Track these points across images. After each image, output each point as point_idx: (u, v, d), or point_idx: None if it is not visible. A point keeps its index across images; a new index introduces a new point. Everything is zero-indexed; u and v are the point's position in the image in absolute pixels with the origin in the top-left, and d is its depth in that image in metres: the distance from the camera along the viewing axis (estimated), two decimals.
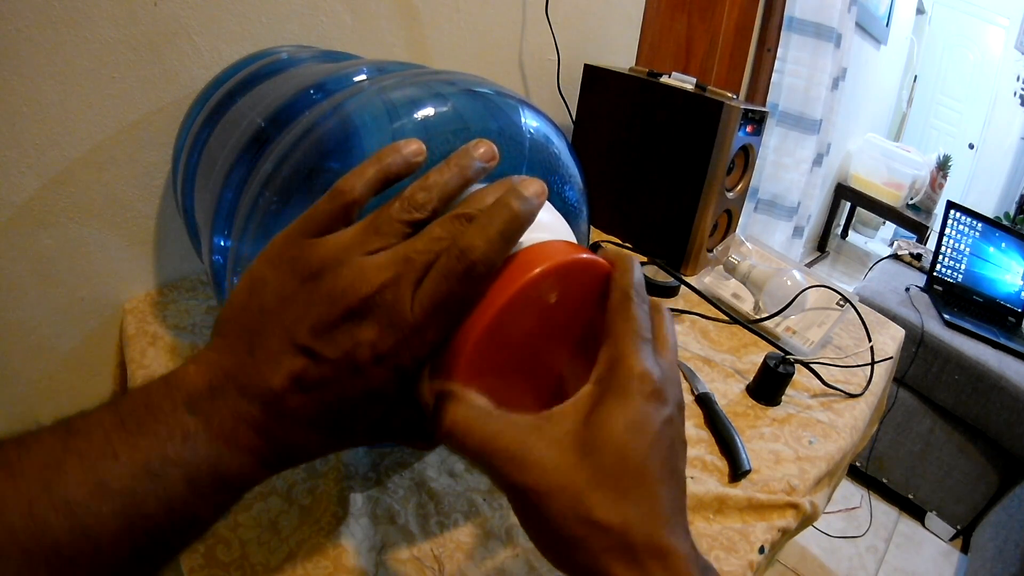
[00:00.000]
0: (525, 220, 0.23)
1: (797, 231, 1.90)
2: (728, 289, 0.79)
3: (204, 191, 0.44)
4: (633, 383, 0.22)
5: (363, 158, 0.32)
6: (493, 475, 0.22)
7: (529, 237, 0.25)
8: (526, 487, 0.21)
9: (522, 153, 0.37)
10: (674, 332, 0.26)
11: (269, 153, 0.35)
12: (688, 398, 0.60)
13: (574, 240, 0.28)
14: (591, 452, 0.21)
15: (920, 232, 2.61)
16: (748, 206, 1.73)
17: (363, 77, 0.40)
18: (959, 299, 1.62)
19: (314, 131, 0.34)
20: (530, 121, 0.38)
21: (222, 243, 0.38)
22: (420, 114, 0.34)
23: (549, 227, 0.27)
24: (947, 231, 1.63)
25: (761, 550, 0.45)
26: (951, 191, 2.84)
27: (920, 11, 3.24)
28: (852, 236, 3.49)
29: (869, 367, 0.70)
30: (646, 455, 0.21)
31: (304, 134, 0.34)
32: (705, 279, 0.80)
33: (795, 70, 1.60)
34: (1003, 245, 1.64)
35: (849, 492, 1.62)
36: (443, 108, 0.35)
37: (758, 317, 0.73)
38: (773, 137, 1.68)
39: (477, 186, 0.26)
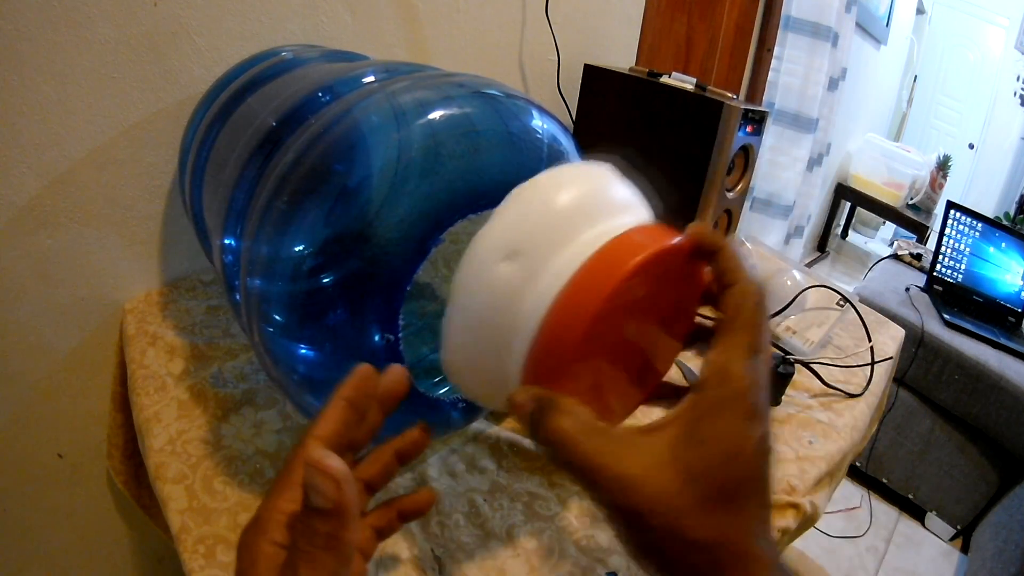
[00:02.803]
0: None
1: (797, 231, 1.90)
2: None
3: (214, 191, 0.44)
4: (738, 402, 0.22)
5: (376, 160, 0.33)
6: (594, 493, 0.22)
7: (612, 225, 0.24)
8: (628, 508, 0.21)
9: (540, 157, 0.37)
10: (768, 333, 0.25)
11: (281, 155, 0.35)
12: None
13: (649, 215, 0.27)
14: (693, 474, 0.21)
15: (920, 232, 2.61)
16: (743, 205, 1.73)
17: (372, 79, 0.40)
18: (959, 299, 1.62)
19: (327, 134, 0.34)
20: (542, 123, 0.38)
21: (233, 243, 0.38)
22: (431, 117, 0.34)
23: (626, 207, 0.26)
24: (947, 231, 1.63)
25: None
26: (951, 191, 2.84)
27: (920, 11, 3.24)
28: (852, 236, 3.49)
29: (869, 367, 0.70)
30: (742, 475, 0.21)
31: (316, 137, 0.34)
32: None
33: (792, 69, 1.60)
34: (1003, 245, 1.64)
35: (849, 492, 1.62)
36: (454, 111, 0.35)
37: None
38: (769, 136, 1.68)
39: None
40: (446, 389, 0.46)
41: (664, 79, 0.85)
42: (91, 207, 0.58)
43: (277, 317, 0.33)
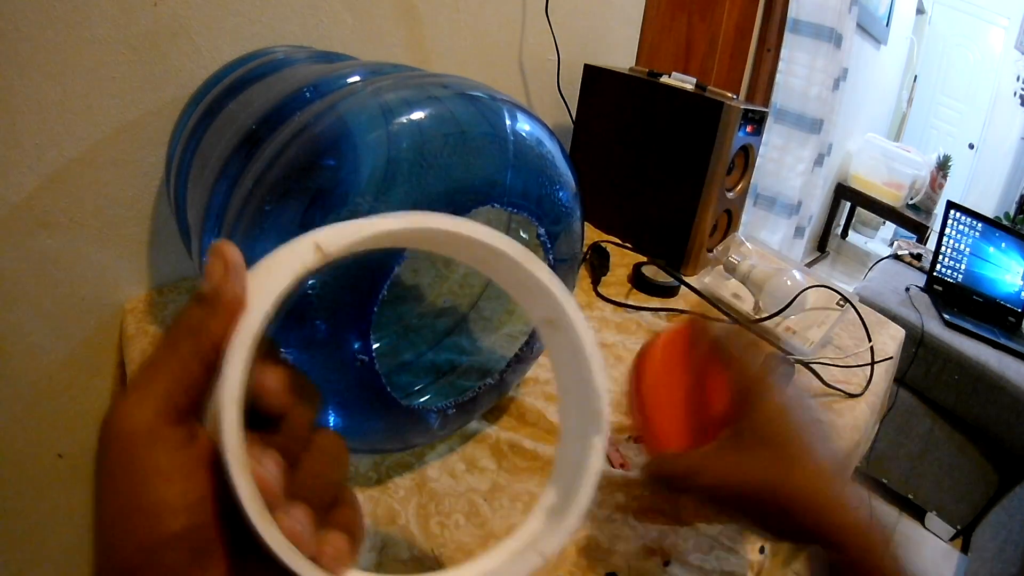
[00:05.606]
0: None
1: (799, 231, 1.91)
2: (728, 289, 0.79)
3: (196, 191, 0.44)
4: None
5: (356, 159, 0.32)
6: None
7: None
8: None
9: (506, 157, 0.37)
10: None
11: (261, 153, 0.35)
12: None
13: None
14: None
15: (920, 232, 2.61)
16: (747, 202, 1.74)
17: (357, 79, 0.40)
18: (959, 299, 1.62)
19: (307, 131, 0.33)
20: (522, 124, 0.38)
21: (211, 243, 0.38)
22: (413, 116, 0.34)
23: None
24: (947, 231, 1.63)
25: (761, 550, 0.45)
26: (951, 191, 2.84)
27: (920, 11, 3.24)
28: (852, 236, 3.49)
29: (869, 367, 0.70)
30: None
31: (297, 134, 0.34)
32: (705, 279, 0.80)
33: (797, 71, 1.61)
34: (1003, 245, 1.64)
35: None
36: (436, 110, 0.34)
37: (758, 317, 0.73)
38: (777, 137, 1.69)
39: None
40: (426, 398, 0.45)
41: (664, 79, 0.85)
42: (91, 207, 0.58)
43: None
